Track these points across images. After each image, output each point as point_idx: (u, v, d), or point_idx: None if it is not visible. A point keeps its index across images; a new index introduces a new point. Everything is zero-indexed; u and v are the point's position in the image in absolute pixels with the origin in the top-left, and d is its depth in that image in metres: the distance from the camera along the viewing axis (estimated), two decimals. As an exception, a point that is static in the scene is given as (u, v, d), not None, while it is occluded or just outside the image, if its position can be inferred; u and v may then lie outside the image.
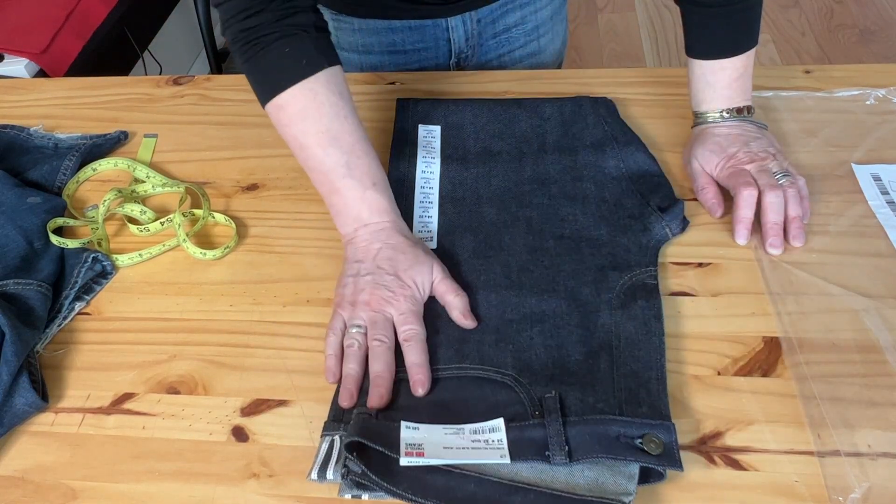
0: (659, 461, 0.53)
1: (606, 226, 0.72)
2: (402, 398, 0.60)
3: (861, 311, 0.64)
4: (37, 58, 1.42)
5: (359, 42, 0.96)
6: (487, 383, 0.60)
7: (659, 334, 0.62)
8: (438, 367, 0.61)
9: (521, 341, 0.63)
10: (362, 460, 0.53)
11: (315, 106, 0.67)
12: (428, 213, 0.75)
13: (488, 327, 0.64)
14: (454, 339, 0.63)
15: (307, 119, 0.67)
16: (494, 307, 0.66)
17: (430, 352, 0.62)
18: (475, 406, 0.58)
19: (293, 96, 0.67)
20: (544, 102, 0.84)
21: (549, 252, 0.70)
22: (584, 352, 0.61)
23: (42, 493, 0.57)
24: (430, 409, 0.58)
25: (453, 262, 0.70)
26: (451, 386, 0.60)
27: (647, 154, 0.78)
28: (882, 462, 0.55)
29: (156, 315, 0.69)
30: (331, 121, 0.67)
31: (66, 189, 0.81)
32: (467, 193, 0.76)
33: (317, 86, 0.67)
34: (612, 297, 0.65)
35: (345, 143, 0.67)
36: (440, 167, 0.79)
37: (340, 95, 0.68)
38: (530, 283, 0.67)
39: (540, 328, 0.63)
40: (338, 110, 0.67)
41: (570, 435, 0.54)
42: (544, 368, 0.60)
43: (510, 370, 0.60)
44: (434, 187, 0.77)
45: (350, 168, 0.67)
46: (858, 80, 0.87)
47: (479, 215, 0.74)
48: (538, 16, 1.00)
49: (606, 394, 0.58)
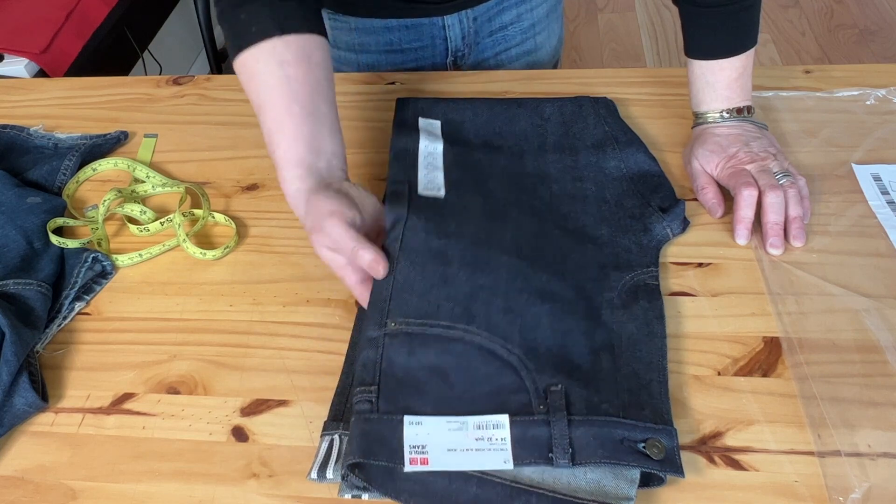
0: (661, 466, 0.53)
1: (607, 226, 0.71)
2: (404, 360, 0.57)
3: (861, 311, 0.64)
4: (37, 58, 1.43)
5: (355, 41, 0.97)
6: (493, 359, 0.58)
7: (661, 335, 0.62)
8: (444, 324, 0.59)
9: (529, 316, 0.60)
10: (363, 472, 0.53)
11: (252, 75, 0.68)
12: (433, 173, 0.73)
13: (498, 290, 0.62)
14: (464, 294, 0.61)
15: (248, 89, 0.69)
16: (506, 270, 0.63)
17: (437, 304, 0.60)
18: (480, 387, 0.57)
19: (242, 63, 0.68)
20: (544, 102, 0.84)
21: (556, 240, 0.68)
22: (589, 346, 0.61)
23: (42, 493, 0.57)
24: (433, 383, 0.57)
25: (465, 216, 0.67)
26: (455, 350, 0.58)
27: (648, 154, 0.78)
28: (882, 462, 0.55)
29: (156, 315, 0.69)
30: (260, 91, 0.68)
31: (66, 189, 0.81)
32: (469, 174, 0.75)
33: (259, 53, 0.67)
34: (613, 297, 0.65)
35: (267, 117, 0.68)
36: (443, 148, 0.77)
37: (281, 64, 0.67)
38: (541, 262, 0.65)
39: (549, 307, 0.62)
40: (269, 80, 0.67)
41: (575, 436, 0.54)
42: (550, 355, 0.59)
43: (517, 348, 0.58)
44: (438, 158, 0.76)
45: (267, 142, 0.68)
46: (858, 80, 0.87)
47: (487, 190, 0.72)
48: (534, 13, 1.00)
49: (610, 394, 0.57)
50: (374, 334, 0.59)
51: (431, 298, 0.60)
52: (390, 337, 0.58)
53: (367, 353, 0.58)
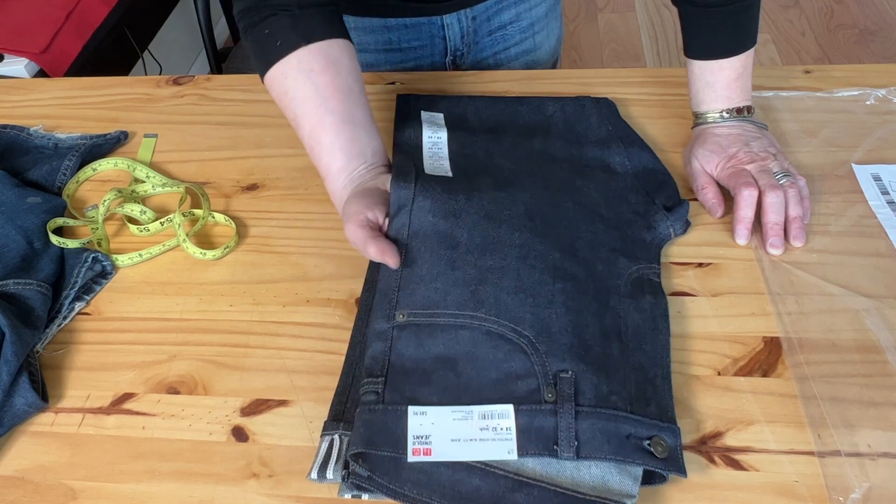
0: (665, 465, 0.53)
1: (615, 213, 0.71)
2: (412, 352, 0.57)
3: (861, 311, 0.64)
4: (37, 58, 1.42)
5: (355, 40, 0.96)
6: (502, 343, 0.57)
7: (665, 333, 0.62)
8: (451, 312, 0.59)
9: (542, 296, 0.59)
10: (367, 461, 0.53)
11: (284, 92, 0.69)
12: (439, 159, 0.73)
13: (509, 269, 0.61)
14: (471, 278, 0.60)
15: (282, 106, 0.70)
16: (517, 248, 0.62)
17: (444, 292, 0.60)
18: (487, 374, 0.56)
19: (273, 79, 0.69)
20: (546, 101, 0.84)
21: (569, 212, 0.67)
22: (600, 329, 0.59)
23: (42, 493, 0.57)
24: (439, 373, 0.56)
25: (474, 189, 0.67)
26: (463, 338, 0.58)
27: (652, 154, 0.78)
28: (882, 462, 0.55)
29: (156, 315, 0.69)
30: (294, 107, 0.69)
31: (66, 189, 0.81)
32: (478, 156, 0.75)
33: (287, 68, 0.68)
34: (620, 284, 0.64)
35: (303, 132, 0.69)
36: (447, 136, 0.77)
37: (309, 75, 0.68)
38: (554, 236, 0.64)
39: (563, 286, 0.60)
40: (298, 93, 0.68)
41: (581, 429, 0.53)
42: (564, 334, 0.58)
43: (527, 330, 0.57)
44: (443, 148, 0.76)
45: (310, 155, 0.69)
46: (858, 80, 0.87)
47: (496, 166, 0.72)
48: (533, 13, 1.00)
49: (619, 384, 0.57)
50: (384, 327, 0.59)
51: (439, 286, 0.60)
52: (399, 329, 0.59)
53: (376, 346, 0.58)
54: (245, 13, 0.70)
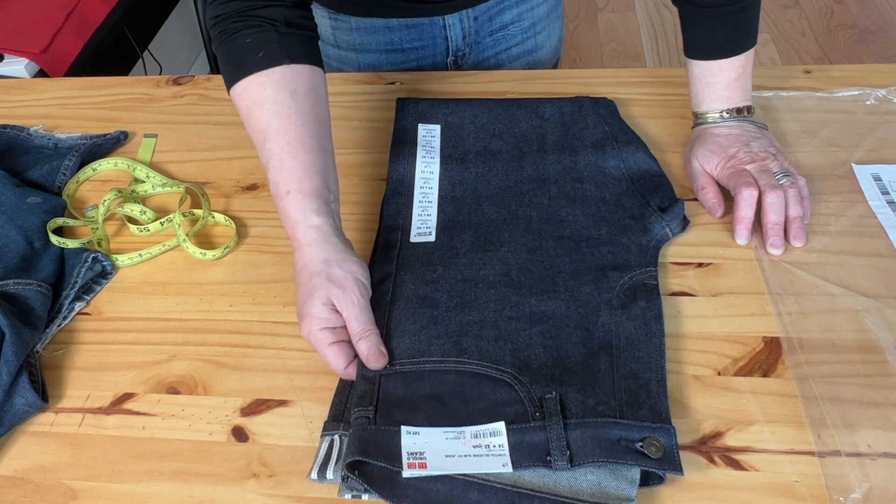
0: (660, 465, 0.53)
1: (607, 226, 0.71)
2: (400, 392, 0.59)
3: (861, 311, 0.64)
4: (37, 58, 1.43)
5: (356, 41, 0.97)
6: (487, 381, 0.60)
7: (659, 335, 0.62)
8: (436, 359, 0.61)
9: (520, 341, 0.62)
10: (363, 474, 0.53)
11: (259, 102, 0.66)
12: (427, 211, 0.74)
13: (487, 322, 0.64)
14: (452, 331, 0.63)
15: (251, 115, 0.67)
16: (494, 303, 0.65)
17: (428, 342, 0.62)
18: (475, 404, 0.58)
19: (244, 89, 0.67)
20: (544, 103, 0.84)
21: (549, 252, 0.69)
22: (584, 353, 0.61)
23: (42, 493, 0.57)
24: (428, 404, 0.58)
25: (453, 255, 0.70)
26: (449, 380, 0.60)
27: (648, 154, 0.78)
28: (882, 462, 0.55)
29: (156, 315, 0.69)
30: (270, 118, 0.66)
31: (66, 189, 0.81)
32: (466, 193, 0.76)
33: (267, 81, 0.66)
34: (612, 298, 0.65)
35: (276, 144, 0.65)
36: (440, 167, 0.79)
37: (292, 94, 0.66)
38: (530, 283, 0.67)
39: (539, 329, 0.63)
40: (280, 108, 0.66)
41: (572, 438, 0.54)
42: (544, 368, 0.60)
43: (509, 368, 0.60)
44: (433, 187, 0.77)
45: (272, 171, 0.66)
46: (858, 80, 0.87)
47: (479, 213, 0.74)
48: (534, 13, 1.00)
49: (606, 395, 0.58)
50: (370, 374, 0.60)
51: (423, 338, 0.62)
52: (385, 377, 0.60)
53: (363, 386, 0.60)
54: (224, 19, 0.67)
